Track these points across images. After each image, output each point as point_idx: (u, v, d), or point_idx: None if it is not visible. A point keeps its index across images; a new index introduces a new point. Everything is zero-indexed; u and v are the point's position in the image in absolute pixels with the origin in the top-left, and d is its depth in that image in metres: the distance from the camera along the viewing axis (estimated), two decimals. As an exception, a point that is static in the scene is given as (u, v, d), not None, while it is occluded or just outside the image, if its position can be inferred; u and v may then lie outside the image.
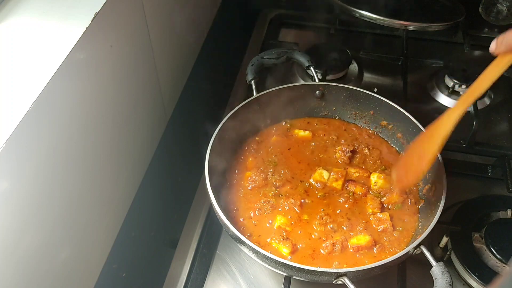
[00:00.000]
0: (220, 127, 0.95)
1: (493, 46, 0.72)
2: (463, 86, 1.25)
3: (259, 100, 1.03)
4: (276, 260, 0.76)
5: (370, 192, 0.94)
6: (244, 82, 1.10)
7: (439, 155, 0.90)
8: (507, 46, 0.70)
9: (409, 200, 0.93)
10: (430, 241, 0.95)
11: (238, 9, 1.50)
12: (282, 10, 1.58)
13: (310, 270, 0.75)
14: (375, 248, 0.86)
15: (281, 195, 0.94)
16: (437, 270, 0.75)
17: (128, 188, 0.98)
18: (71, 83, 0.70)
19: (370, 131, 1.08)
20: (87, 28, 0.71)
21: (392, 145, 1.05)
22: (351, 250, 0.85)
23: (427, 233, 0.79)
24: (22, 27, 0.71)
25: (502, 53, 0.72)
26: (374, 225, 0.89)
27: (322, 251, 0.85)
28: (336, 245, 0.85)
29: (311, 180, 0.96)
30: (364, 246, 0.85)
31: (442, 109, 1.27)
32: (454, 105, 0.80)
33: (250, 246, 0.78)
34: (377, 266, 0.75)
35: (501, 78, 0.74)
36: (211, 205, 0.85)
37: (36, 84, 0.63)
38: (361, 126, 1.09)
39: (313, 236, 0.88)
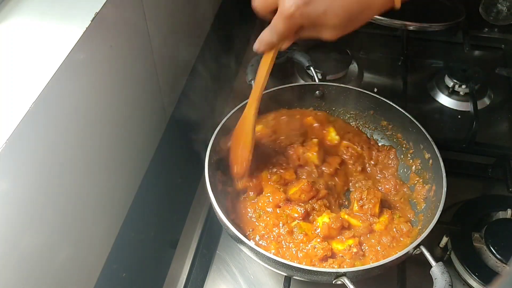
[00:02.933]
0: (220, 127, 0.95)
1: (255, 47, 0.78)
2: (463, 86, 1.25)
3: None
4: (276, 260, 0.76)
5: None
6: (244, 82, 1.10)
7: (438, 155, 0.90)
8: (265, 45, 0.77)
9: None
10: (430, 241, 0.94)
11: (238, 9, 1.49)
12: (282, 10, 1.58)
13: (310, 270, 0.75)
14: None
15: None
16: (436, 270, 0.75)
17: (128, 188, 0.98)
18: (71, 84, 0.70)
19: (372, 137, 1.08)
20: (87, 28, 0.71)
21: (392, 145, 1.05)
22: None
23: (427, 233, 0.79)
24: (22, 28, 0.71)
25: (265, 51, 0.79)
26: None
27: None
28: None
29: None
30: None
31: (442, 109, 1.27)
32: (251, 101, 0.88)
33: (250, 246, 0.78)
34: (377, 266, 0.75)
35: (500, 78, 0.73)
36: (211, 205, 0.85)
37: (36, 84, 0.63)
38: (361, 126, 1.09)
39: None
